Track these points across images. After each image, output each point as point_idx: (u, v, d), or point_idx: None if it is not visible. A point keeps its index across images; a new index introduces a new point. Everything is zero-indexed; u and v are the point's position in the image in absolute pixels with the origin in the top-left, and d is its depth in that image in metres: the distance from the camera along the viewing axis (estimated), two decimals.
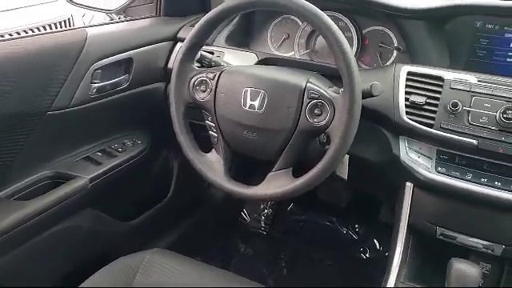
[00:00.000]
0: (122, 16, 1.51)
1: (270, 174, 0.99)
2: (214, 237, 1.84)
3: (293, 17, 1.38)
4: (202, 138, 1.10)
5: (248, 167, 1.36)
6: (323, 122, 0.93)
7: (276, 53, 1.39)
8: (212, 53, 1.24)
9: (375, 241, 1.84)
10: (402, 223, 1.10)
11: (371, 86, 0.94)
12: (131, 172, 1.34)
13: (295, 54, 1.38)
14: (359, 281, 1.65)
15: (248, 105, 0.99)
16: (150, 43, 1.31)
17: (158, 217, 1.54)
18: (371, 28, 1.29)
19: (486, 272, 1.10)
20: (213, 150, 1.07)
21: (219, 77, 1.03)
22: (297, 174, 0.98)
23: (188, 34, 1.05)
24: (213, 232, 1.85)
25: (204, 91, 1.05)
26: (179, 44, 1.35)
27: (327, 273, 1.75)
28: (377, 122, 1.06)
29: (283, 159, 0.98)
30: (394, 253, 1.11)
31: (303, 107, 0.95)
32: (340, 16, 1.30)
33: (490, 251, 1.03)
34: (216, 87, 1.03)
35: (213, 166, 1.05)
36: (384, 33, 1.27)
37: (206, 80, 1.04)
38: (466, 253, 1.08)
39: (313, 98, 0.94)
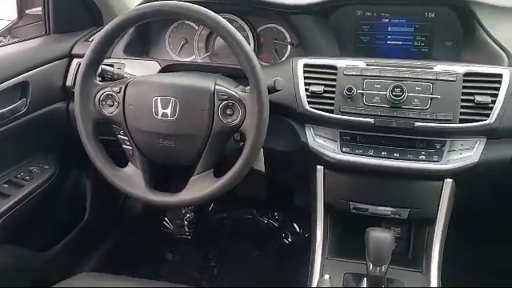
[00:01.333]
0: (8, 38, 1.42)
1: (192, 178, 1.01)
2: (139, 250, 1.81)
3: (188, 22, 1.40)
4: (115, 153, 1.08)
5: (169, 175, 1.36)
6: (236, 121, 0.97)
7: (177, 59, 1.41)
8: (112, 65, 1.23)
9: (295, 225, 1.94)
10: (318, 204, 1.18)
11: (274, 82, 1.00)
12: (43, 199, 1.28)
13: (196, 58, 1.40)
14: (287, 264, 1.74)
15: (160, 113, 1.00)
16: (44, 63, 1.26)
17: (78, 240, 1.49)
18: (264, 26, 1.35)
19: (398, 235, 1.23)
20: (129, 163, 1.07)
21: (125, 89, 1.03)
22: (218, 174, 1.01)
23: (83, 49, 1.03)
24: (137, 246, 1.82)
25: (111, 105, 1.04)
26: (75, 60, 1.31)
27: (256, 263, 1.81)
28: (283, 114, 1.13)
29: (203, 162, 1.01)
30: (316, 232, 1.19)
31: (215, 109, 0.98)
32: (234, 17, 1.35)
33: (397, 216, 1.14)
34: (124, 100, 1.03)
35: (132, 179, 1.05)
36: (277, 30, 1.35)
37: (111, 94, 1.03)
38: (379, 221, 1.19)
39: (223, 100, 0.98)
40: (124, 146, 1.06)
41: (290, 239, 1.91)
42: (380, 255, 1.00)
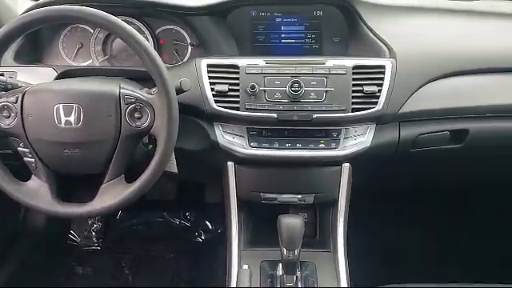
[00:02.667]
0: None
1: (102, 186, 1.00)
2: (46, 267, 1.71)
3: (83, 25, 1.35)
4: (15, 166, 1.03)
5: (78, 185, 1.31)
6: (146, 124, 0.98)
7: (73, 64, 1.35)
8: (2, 74, 1.15)
9: (207, 222, 1.96)
10: (231, 198, 1.22)
11: (181, 83, 1.01)
12: None
13: (94, 61, 1.36)
14: (203, 262, 1.76)
15: (63, 122, 0.96)
16: None
17: None
18: (163, 28, 1.35)
19: (306, 220, 1.31)
20: (33, 176, 1.02)
21: (23, 99, 0.98)
22: (130, 180, 1.00)
23: None
24: (43, 263, 1.72)
25: (8, 117, 0.98)
26: None
27: (172, 265, 1.81)
28: (192, 114, 1.15)
29: (113, 168, 0.99)
30: (231, 225, 1.23)
31: (123, 113, 0.97)
32: (131, 20, 1.33)
33: (303, 202, 1.23)
34: (22, 110, 0.98)
35: (37, 193, 1.00)
36: (176, 31, 1.35)
37: (7, 105, 0.98)
38: (287, 208, 1.26)
39: (130, 103, 0.97)
40: (25, 158, 1.01)
41: (203, 237, 1.93)
42: (292, 240, 1.06)
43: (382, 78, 1.13)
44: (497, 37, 1.28)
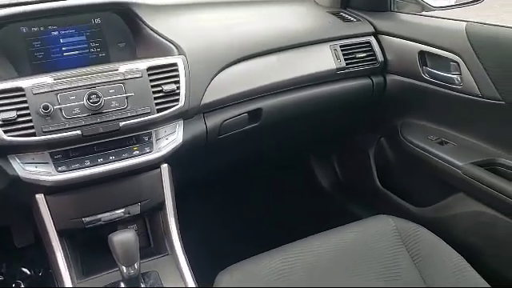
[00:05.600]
0: None
1: None
2: None
3: None
4: None
5: None
6: None
7: None
8: None
9: (23, 269, 1.73)
10: (50, 233, 1.10)
11: None
12: None
13: None
14: None
15: None
16: None
17: None
18: None
19: (136, 230, 1.27)
20: None
21: None
22: None
23: None
24: None
25: None
26: None
27: None
28: None
29: None
30: (56, 263, 1.12)
31: None
32: None
33: (129, 214, 1.18)
34: None
35: None
36: None
37: None
38: (115, 225, 1.20)
39: None
40: None
41: (23, 286, 1.70)
42: (129, 255, 1.03)
43: (178, 75, 1.16)
44: (269, 21, 1.45)
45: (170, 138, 1.17)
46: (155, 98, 1.12)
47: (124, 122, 1.08)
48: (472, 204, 1.32)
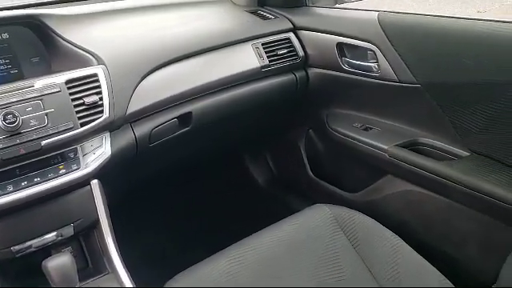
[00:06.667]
0: None
1: None
2: None
3: None
4: None
5: None
6: None
7: None
8: None
9: None
10: None
11: None
12: None
13: None
14: None
15: None
16: None
17: None
18: None
19: (72, 252, 1.20)
20: None
21: None
22: None
23: None
24: None
25: None
26: None
27: None
28: None
29: None
30: None
31: None
32: None
33: (61, 237, 1.12)
34: None
35: None
36: None
37: None
38: (48, 250, 1.13)
39: None
40: None
41: None
42: (67, 280, 0.98)
43: (99, 86, 1.12)
44: (189, 24, 1.44)
45: (98, 152, 1.13)
46: (77, 112, 1.07)
47: (46, 141, 1.02)
48: (400, 184, 1.39)
